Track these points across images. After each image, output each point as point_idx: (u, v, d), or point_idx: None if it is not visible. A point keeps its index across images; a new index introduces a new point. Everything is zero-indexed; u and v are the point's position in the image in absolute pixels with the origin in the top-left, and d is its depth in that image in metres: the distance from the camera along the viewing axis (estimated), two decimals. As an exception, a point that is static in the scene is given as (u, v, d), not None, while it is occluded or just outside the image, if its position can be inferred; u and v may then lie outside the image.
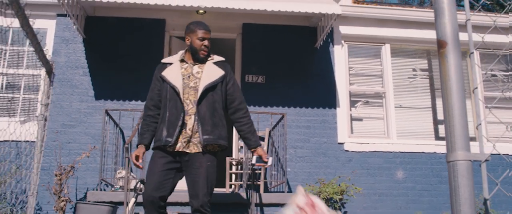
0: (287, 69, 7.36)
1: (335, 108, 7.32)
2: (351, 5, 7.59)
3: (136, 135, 5.91)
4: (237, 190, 6.47)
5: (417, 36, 7.67)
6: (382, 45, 7.81)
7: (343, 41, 7.68)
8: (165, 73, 3.35)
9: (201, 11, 7.13)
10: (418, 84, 7.92)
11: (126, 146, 5.29)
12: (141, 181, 5.22)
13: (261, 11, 6.60)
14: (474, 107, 7.67)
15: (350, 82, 7.66)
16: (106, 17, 7.25)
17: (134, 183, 5.41)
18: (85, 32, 7.08)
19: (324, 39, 7.26)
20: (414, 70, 7.98)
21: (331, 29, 7.36)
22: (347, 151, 7.15)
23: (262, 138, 6.88)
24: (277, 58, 7.39)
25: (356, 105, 7.67)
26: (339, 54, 7.57)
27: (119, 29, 7.21)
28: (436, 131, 7.62)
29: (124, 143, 6.69)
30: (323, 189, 6.20)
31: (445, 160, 1.45)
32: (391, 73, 7.68)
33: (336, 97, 7.37)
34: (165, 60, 3.57)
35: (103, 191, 5.91)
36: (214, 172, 3.27)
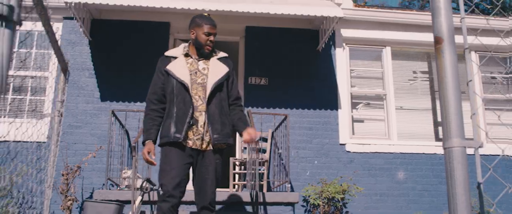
0: (289, 72, 7.48)
1: (337, 110, 7.44)
2: (352, 9, 7.71)
3: (141, 137, 6.04)
4: (241, 190, 6.58)
5: (418, 39, 7.80)
6: (383, 48, 7.94)
7: (344, 44, 7.80)
8: (170, 67, 3.28)
9: (206, 14, 7.25)
10: (418, 86, 8.03)
11: (133, 144, 5.40)
12: (147, 180, 5.35)
13: (264, 14, 6.74)
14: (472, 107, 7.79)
15: (351, 84, 7.78)
16: (111, 20, 7.39)
17: (140, 182, 5.54)
18: (91, 34, 7.22)
19: (326, 42, 7.39)
20: (414, 72, 8.10)
21: (333, 32, 7.49)
22: (349, 152, 7.26)
23: (265, 139, 7.00)
24: (279, 60, 7.52)
25: (357, 107, 7.79)
26: (341, 56, 7.69)
27: (124, 31, 7.34)
28: (436, 132, 7.72)
29: (129, 144, 6.81)
30: (325, 189, 6.32)
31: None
32: (391, 75, 7.80)
33: (337, 99, 7.49)
34: (168, 53, 3.47)
35: (109, 190, 6.02)
36: (220, 169, 3.29)
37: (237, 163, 6.85)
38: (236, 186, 6.71)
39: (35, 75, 7.18)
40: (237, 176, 6.87)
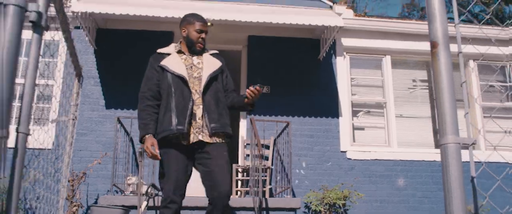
0: (291, 80, 7.61)
1: (338, 117, 7.56)
2: (352, 18, 7.86)
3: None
4: (244, 196, 6.68)
5: (417, 48, 7.93)
6: (383, 57, 8.07)
7: (345, 53, 7.94)
8: (165, 63, 3.23)
9: (209, 24, 7.39)
10: (418, 94, 8.16)
11: (140, 150, 5.51)
12: (152, 185, 5.46)
13: (266, 24, 6.88)
14: (473, 115, 7.91)
15: (352, 92, 7.90)
16: (116, 29, 7.53)
17: (145, 188, 5.64)
18: (96, 43, 7.36)
19: (326, 51, 7.53)
20: (414, 81, 8.23)
21: (334, 41, 7.63)
22: (350, 159, 7.37)
23: (267, 146, 7.12)
24: (281, 69, 7.65)
25: (358, 115, 7.91)
26: (342, 65, 7.83)
27: (129, 40, 7.48)
28: (435, 140, 7.84)
29: (134, 151, 6.92)
30: (326, 195, 6.42)
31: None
32: (391, 84, 7.93)
33: (338, 107, 7.61)
34: (161, 50, 3.41)
35: (114, 195, 6.12)
36: (229, 162, 3.21)
37: (240, 170, 6.95)
38: (239, 192, 6.81)
39: (37, 83, 7.30)
40: (240, 182, 6.97)
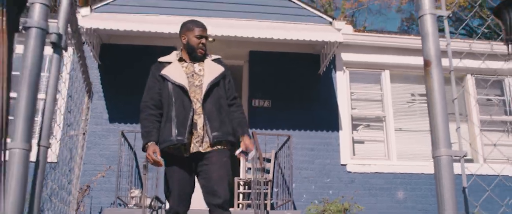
0: (291, 94, 7.73)
1: (338, 131, 7.67)
2: (352, 34, 8.01)
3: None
4: (245, 209, 6.76)
5: (415, 62, 8.05)
6: (382, 71, 8.21)
7: (345, 68, 8.08)
8: (166, 72, 3.18)
9: (211, 39, 7.55)
10: (416, 108, 8.27)
11: (144, 163, 5.61)
12: (156, 198, 5.55)
13: (267, 39, 7.03)
14: (470, 128, 8.03)
15: (352, 106, 8.02)
16: (120, 44, 7.67)
17: (148, 201, 5.73)
18: (100, 58, 7.49)
19: (326, 66, 7.67)
20: (412, 95, 8.36)
21: (333, 56, 7.77)
22: (350, 172, 7.47)
23: (268, 160, 7.22)
24: (282, 83, 7.78)
25: (357, 129, 8.02)
26: (341, 80, 7.96)
27: (132, 56, 7.62)
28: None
29: (137, 164, 7.02)
30: (327, 208, 6.50)
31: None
32: (390, 98, 8.05)
33: (338, 121, 7.72)
34: (162, 59, 3.36)
35: (118, 208, 6.21)
36: (230, 168, 3.13)
37: (242, 183, 7.04)
38: (240, 205, 6.89)
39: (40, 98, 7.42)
40: (241, 195, 7.05)
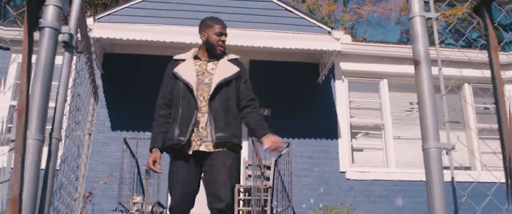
0: (291, 103, 7.85)
1: (337, 139, 7.77)
2: (350, 43, 8.15)
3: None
4: (245, 215, 6.84)
5: (413, 71, 8.13)
6: (380, 80, 8.33)
7: (343, 77, 8.20)
8: (177, 69, 3.18)
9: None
10: (415, 116, 8.38)
11: (146, 168, 5.70)
12: (158, 203, 5.64)
13: (267, 49, 7.16)
14: (468, 136, 8.13)
15: (350, 115, 8.13)
16: (122, 54, 7.80)
17: (150, 208, 5.82)
18: (102, 67, 7.61)
19: (326, 75, 7.79)
20: (410, 103, 8.47)
21: (332, 65, 7.90)
22: (349, 179, 7.55)
23: (268, 167, 7.31)
24: (282, 92, 7.89)
25: (356, 137, 8.12)
26: (340, 88, 8.08)
27: (134, 65, 7.75)
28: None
29: (139, 171, 7.11)
30: (326, 214, 6.59)
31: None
32: (389, 106, 8.17)
33: (337, 129, 7.82)
34: (177, 56, 3.33)
35: (120, 213, 6.29)
36: (235, 171, 3.11)
37: (242, 190, 7.12)
38: (241, 212, 6.97)
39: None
40: (241, 202, 7.13)
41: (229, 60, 3.24)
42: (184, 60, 3.24)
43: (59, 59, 1.85)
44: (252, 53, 7.77)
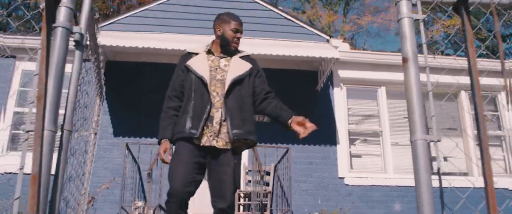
0: (291, 109, 7.94)
1: (336, 145, 7.89)
2: (348, 51, 8.29)
3: (155, 164, 6.47)
4: (245, 220, 6.94)
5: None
6: (378, 88, 8.47)
7: (342, 84, 8.34)
8: (190, 63, 3.15)
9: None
10: (412, 123, 8.49)
11: (148, 171, 5.81)
12: (159, 207, 5.74)
13: (267, 56, 7.30)
14: (465, 142, 8.24)
15: (349, 121, 8.25)
16: (124, 61, 7.95)
17: (151, 212, 5.92)
18: (105, 75, 7.73)
19: (324, 82, 7.93)
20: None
21: (331, 73, 8.04)
22: (347, 185, 7.66)
23: (268, 173, 7.42)
24: (281, 99, 7.85)
25: (355, 143, 8.24)
26: (339, 96, 8.21)
27: (136, 72, 7.90)
28: (430, 166, 8.12)
29: (140, 177, 7.22)
30: (325, 218, 6.68)
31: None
32: (387, 113, 8.30)
33: (336, 135, 7.95)
34: (190, 49, 3.32)
35: (122, 218, 6.39)
36: (239, 171, 3.27)
37: (242, 195, 7.23)
38: (241, 216, 7.07)
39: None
40: (242, 207, 7.23)
41: (241, 57, 3.23)
42: (197, 54, 3.22)
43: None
44: (252, 60, 7.90)
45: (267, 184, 7.27)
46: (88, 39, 2.35)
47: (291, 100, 8.00)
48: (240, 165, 3.14)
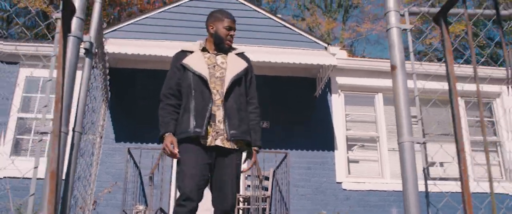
0: (289, 116, 8.12)
1: (334, 151, 8.02)
2: (346, 58, 8.45)
3: (157, 168, 6.60)
4: (244, 224, 7.06)
5: (408, 86, 8.45)
6: (375, 94, 8.62)
7: (340, 91, 8.49)
8: (187, 61, 3.08)
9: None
10: (409, 129, 8.62)
11: (150, 175, 5.94)
12: (160, 210, 5.86)
13: (266, 63, 7.46)
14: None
15: (347, 127, 8.40)
16: (126, 68, 8.10)
17: (152, 214, 6.05)
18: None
19: (322, 89, 8.08)
20: (405, 117, 8.72)
21: (329, 80, 8.20)
22: (345, 190, 7.79)
23: (266, 178, 7.55)
24: (280, 105, 8.17)
25: (352, 149, 8.37)
26: (337, 102, 8.36)
27: (138, 79, 8.05)
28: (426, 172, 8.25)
29: (141, 181, 7.35)
30: (323, 222, 6.81)
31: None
32: (384, 119, 8.44)
33: (334, 141, 8.08)
34: (185, 48, 3.25)
35: (124, 222, 6.51)
36: (240, 172, 3.08)
37: (241, 199, 7.35)
38: (240, 220, 7.19)
39: (37, 117, 7.80)
40: (241, 211, 7.35)
41: (237, 54, 3.21)
42: (191, 52, 3.16)
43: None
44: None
45: (266, 189, 7.41)
46: (96, 47, 2.50)
47: (289, 106, 8.23)
48: (241, 166, 3.09)
